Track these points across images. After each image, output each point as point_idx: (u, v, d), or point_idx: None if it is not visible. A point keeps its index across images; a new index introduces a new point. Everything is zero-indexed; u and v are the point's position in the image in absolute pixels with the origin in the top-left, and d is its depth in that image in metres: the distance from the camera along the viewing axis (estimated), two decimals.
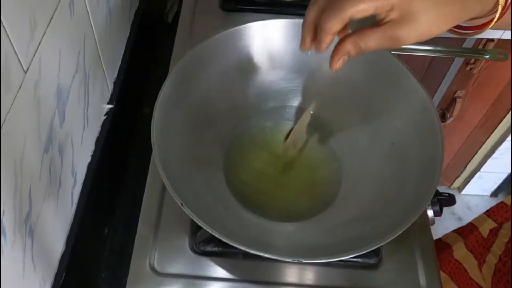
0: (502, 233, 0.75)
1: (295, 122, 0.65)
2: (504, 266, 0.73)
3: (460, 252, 0.81)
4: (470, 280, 0.79)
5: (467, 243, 0.82)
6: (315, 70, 0.66)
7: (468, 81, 1.26)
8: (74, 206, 0.59)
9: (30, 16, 0.43)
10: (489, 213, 0.82)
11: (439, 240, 0.87)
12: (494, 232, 0.77)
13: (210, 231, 0.47)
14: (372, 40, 0.43)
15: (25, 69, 0.43)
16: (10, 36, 0.40)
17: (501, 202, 0.79)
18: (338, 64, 0.47)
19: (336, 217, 0.57)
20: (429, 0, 0.41)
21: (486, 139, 1.47)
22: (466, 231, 0.85)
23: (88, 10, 0.58)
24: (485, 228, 0.79)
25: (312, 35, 0.46)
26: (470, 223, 0.86)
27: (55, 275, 0.54)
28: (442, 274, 0.83)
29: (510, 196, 0.79)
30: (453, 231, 0.87)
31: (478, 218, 0.84)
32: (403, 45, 0.43)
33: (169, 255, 0.57)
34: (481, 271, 0.78)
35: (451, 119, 1.36)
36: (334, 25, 0.43)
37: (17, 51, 0.41)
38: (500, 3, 0.44)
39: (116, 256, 0.66)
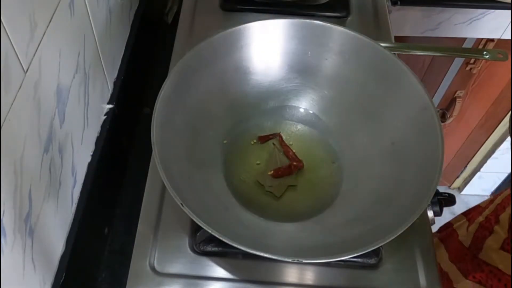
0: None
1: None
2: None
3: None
4: None
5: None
6: (315, 70, 0.66)
7: (468, 81, 1.26)
8: (74, 206, 0.59)
9: (30, 16, 0.43)
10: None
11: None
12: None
13: (210, 231, 0.47)
14: None
15: (25, 69, 0.43)
16: (10, 36, 0.40)
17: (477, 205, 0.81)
18: None
19: (336, 217, 0.57)
20: None
21: (486, 139, 1.48)
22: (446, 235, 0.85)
23: (88, 10, 0.58)
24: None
25: None
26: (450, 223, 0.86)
27: (55, 275, 0.54)
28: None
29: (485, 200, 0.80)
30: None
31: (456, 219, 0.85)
32: None
33: (169, 255, 0.57)
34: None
35: (451, 119, 1.36)
36: None
37: (17, 51, 0.41)
38: None
39: (116, 256, 0.66)
